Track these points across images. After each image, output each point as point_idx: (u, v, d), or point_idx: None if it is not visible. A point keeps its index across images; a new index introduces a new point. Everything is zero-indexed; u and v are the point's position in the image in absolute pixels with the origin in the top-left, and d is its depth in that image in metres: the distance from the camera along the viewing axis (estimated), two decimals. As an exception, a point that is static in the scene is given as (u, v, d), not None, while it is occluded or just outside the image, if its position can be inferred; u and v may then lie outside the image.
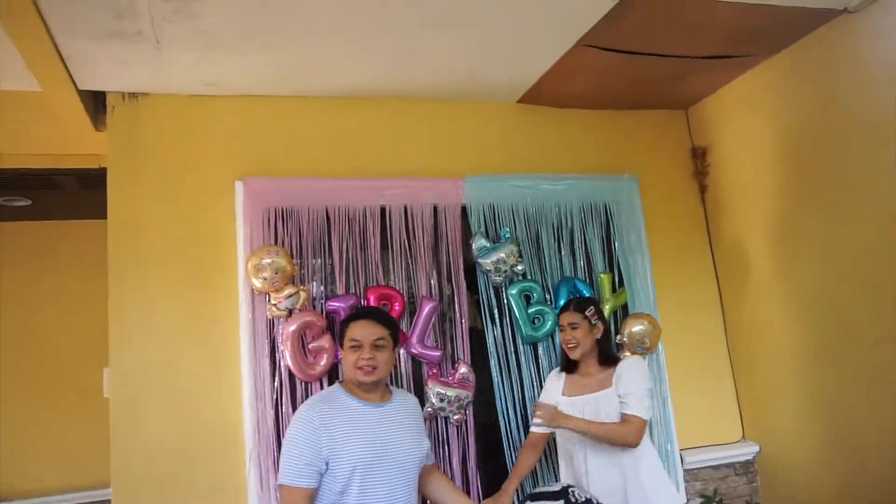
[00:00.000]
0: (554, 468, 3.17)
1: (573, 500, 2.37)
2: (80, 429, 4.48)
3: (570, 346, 2.79)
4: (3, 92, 3.37)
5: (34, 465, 4.54)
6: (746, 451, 3.68)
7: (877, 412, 2.98)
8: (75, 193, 4.35)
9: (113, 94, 3.15)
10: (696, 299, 3.83)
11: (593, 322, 2.79)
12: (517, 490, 2.81)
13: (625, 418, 2.61)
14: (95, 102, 3.23)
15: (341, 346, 2.32)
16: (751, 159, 3.65)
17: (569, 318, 2.81)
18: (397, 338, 2.37)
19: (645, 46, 3.22)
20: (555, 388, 2.87)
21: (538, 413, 2.68)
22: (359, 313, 2.37)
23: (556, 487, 2.49)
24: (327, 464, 2.12)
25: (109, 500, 2.81)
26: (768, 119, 3.52)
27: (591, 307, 2.84)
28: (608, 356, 2.81)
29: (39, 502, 4.48)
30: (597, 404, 2.69)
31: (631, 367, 2.72)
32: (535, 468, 3.13)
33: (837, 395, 3.18)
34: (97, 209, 3.25)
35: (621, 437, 2.60)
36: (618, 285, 3.59)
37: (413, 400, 2.52)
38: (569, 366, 2.89)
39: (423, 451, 2.35)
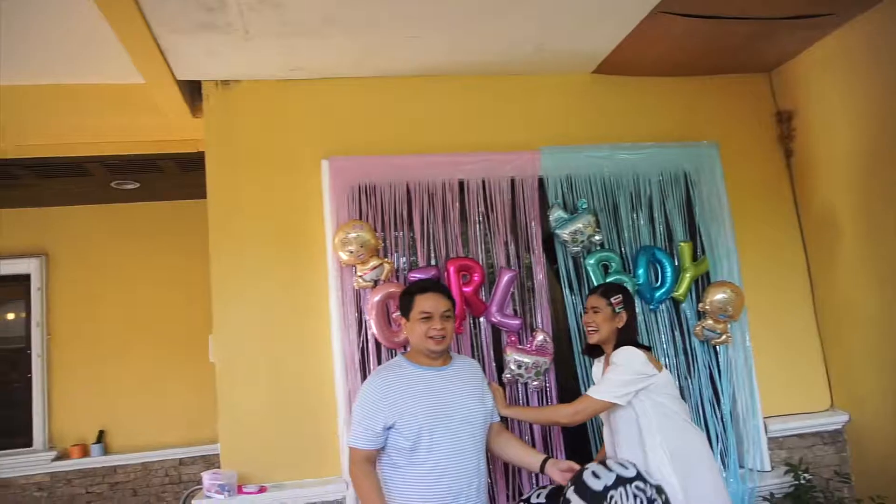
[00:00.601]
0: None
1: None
2: (189, 391, 4.75)
3: (589, 329, 2.68)
4: (112, 86, 3.57)
5: (147, 425, 4.87)
6: (835, 420, 3.47)
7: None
8: (177, 176, 4.57)
9: (207, 82, 3.25)
10: (782, 267, 3.62)
11: (616, 310, 2.63)
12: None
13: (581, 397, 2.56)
14: (192, 91, 3.35)
15: (406, 317, 2.38)
16: (839, 122, 3.40)
17: (592, 301, 2.69)
18: (456, 308, 2.52)
19: (723, 10, 3.03)
20: (595, 372, 2.80)
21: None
22: (426, 286, 2.42)
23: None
24: (394, 425, 2.23)
25: (218, 455, 2.96)
26: (857, 80, 3.26)
27: (619, 295, 2.66)
28: (622, 344, 2.60)
29: (152, 455, 4.78)
30: None
31: (617, 354, 2.54)
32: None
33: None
34: (197, 190, 3.40)
35: (553, 415, 2.64)
36: (699, 254, 3.44)
37: (471, 362, 2.59)
38: (591, 350, 2.79)
39: (487, 408, 2.43)
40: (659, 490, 2.23)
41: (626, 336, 2.63)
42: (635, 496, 2.14)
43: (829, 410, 3.53)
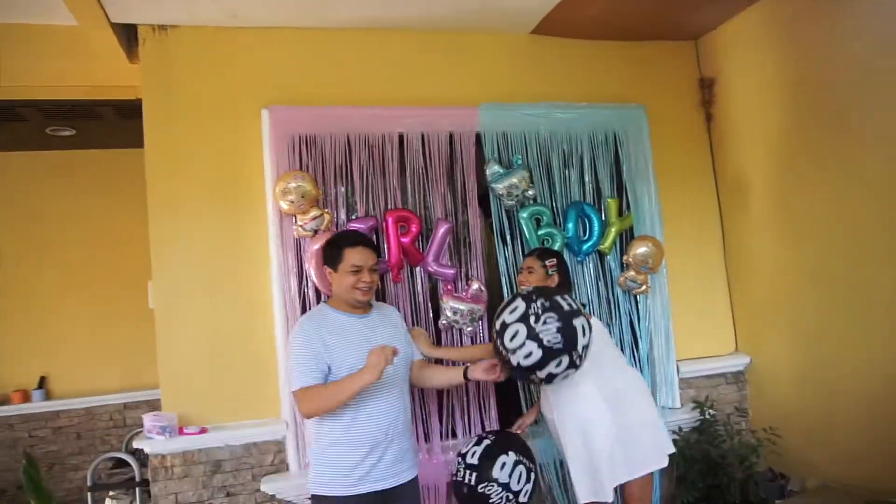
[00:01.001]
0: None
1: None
2: (131, 337, 4.67)
3: (521, 287, 2.80)
4: (44, 26, 3.40)
5: (90, 370, 4.80)
6: (738, 363, 3.73)
7: (854, 346, 3.05)
8: (115, 124, 4.39)
9: (144, 26, 3.12)
10: (699, 223, 3.81)
11: (549, 272, 2.78)
12: None
13: None
14: (128, 36, 3.21)
15: (333, 268, 2.40)
16: (756, 91, 3.54)
17: (528, 262, 2.84)
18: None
19: (655, -28, 3.09)
20: None
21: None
22: (357, 240, 2.44)
23: None
24: (329, 368, 2.27)
25: (159, 400, 2.96)
26: (775, 51, 3.40)
27: (553, 259, 2.82)
28: None
29: (95, 400, 4.73)
30: None
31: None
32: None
33: (820, 322, 3.24)
34: (137, 138, 3.28)
35: (477, 352, 2.81)
36: (625, 210, 3.57)
37: (390, 308, 2.69)
38: None
39: (407, 348, 2.53)
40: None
41: None
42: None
43: (733, 354, 3.78)
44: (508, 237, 3.35)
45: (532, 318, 2.36)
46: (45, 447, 4.68)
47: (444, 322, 3.17)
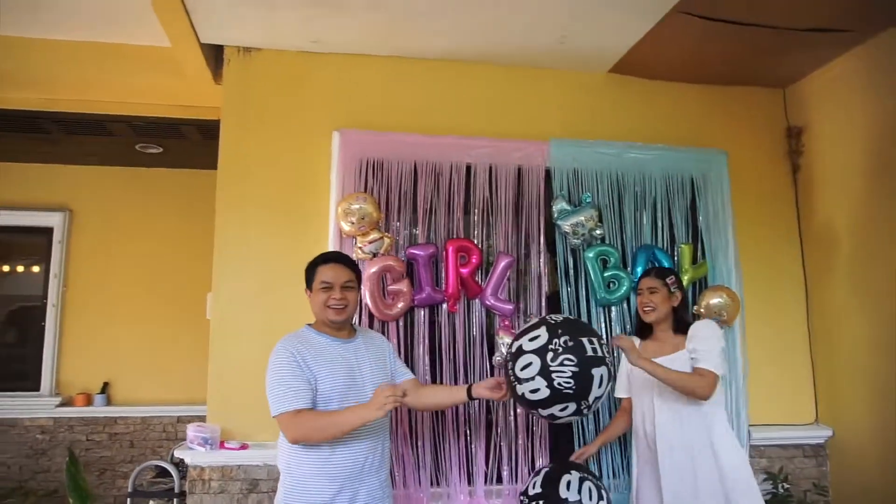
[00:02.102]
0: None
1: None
2: (193, 352, 4.70)
3: (646, 308, 2.64)
4: (140, 47, 3.55)
5: (150, 381, 4.87)
6: (818, 434, 3.37)
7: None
8: (198, 144, 4.55)
9: (230, 47, 3.22)
10: (781, 278, 3.52)
11: (672, 290, 2.63)
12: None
13: (698, 371, 2.44)
14: (216, 57, 3.32)
15: (309, 288, 2.27)
16: (848, 141, 3.29)
17: (648, 282, 2.66)
18: (361, 281, 2.37)
19: (743, 16, 2.94)
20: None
21: (618, 341, 2.48)
22: (328, 257, 2.30)
23: None
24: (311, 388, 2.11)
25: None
26: (867, 100, 3.17)
27: (672, 276, 2.69)
28: (683, 324, 2.63)
29: (152, 410, 4.77)
30: (670, 366, 2.50)
31: (704, 327, 2.56)
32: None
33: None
34: (216, 160, 3.34)
35: (691, 384, 2.41)
36: (699, 258, 3.34)
37: (377, 336, 2.48)
38: (643, 331, 2.73)
39: (388, 376, 2.32)
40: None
41: (683, 314, 2.65)
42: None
43: (814, 424, 3.42)
44: (572, 276, 3.19)
45: (550, 355, 2.21)
46: (100, 452, 4.74)
47: (499, 359, 3.01)
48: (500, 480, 3.00)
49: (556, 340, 2.24)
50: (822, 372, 3.45)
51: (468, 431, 3.00)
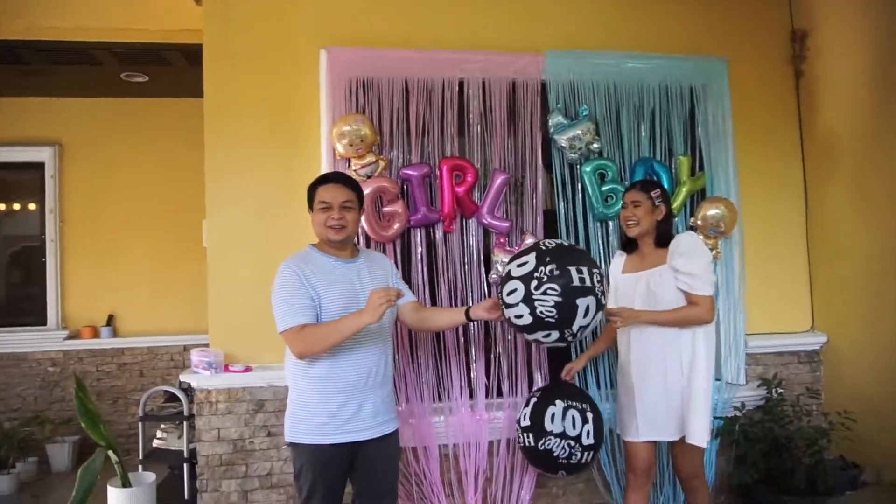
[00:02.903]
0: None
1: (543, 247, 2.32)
2: (195, 281, 4.72)
3: (629, 223, 2.59)
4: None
5: (154, 311, 4.92)
6: (813, 341, 3.41)
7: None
8: (184, 70, 4.39)
9: (212, -37, 3.05)
10: (780, 187, 3.47)
11: (656, 203, 2.56)
12: None
13: (693, 299, 2.44)
14: (195, -26, 3.15)
15: (310, 208, 2.26)
16: (853, 47, 3.18)
17: (632, 195, 2.60)
18: (362, 201, 2.35)
19: None
20: (616, 266, 2.73)
21: (617, 321, 2.48)
22: (328, 177, 2.30)
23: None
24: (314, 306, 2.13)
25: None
26: (876, 4, 3.00)
27: (658, 189, 2.61)
28: (665, 238, 2.57)
29: (158, 339, 4.84)
30: (650, 279, 2.52)
31: (687, 243, 2.49)
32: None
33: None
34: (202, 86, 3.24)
35: (695, 319, 2.44)
36: (697, 170, 3.28)
37: (380, 256, 2.50)
38: (628, 245, 2.71)
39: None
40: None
41: (666, 228, 2.60)
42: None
43: (810, 331, 3.46)
44: (569, 192, 3.14)
45: (534, 283, 2.21)
46: (111, 381, 4.83)
47: (495, 276, 3.01)
48: (500, 394, 3.06)
49: (542, 268, 2.22)
50: (819, 280, 3.46)
51: (468, 348, 3.03)
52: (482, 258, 3.06)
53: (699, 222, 3.14)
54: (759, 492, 3.06)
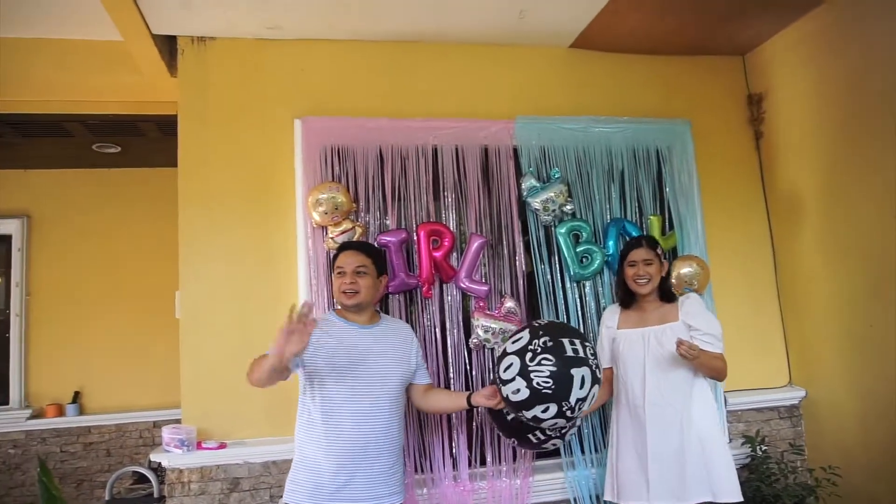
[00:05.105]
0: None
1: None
2: (165, 355, 4.58)
3: (641, 281, 2.60)
4: (92, 42, 3.42)
5: (123, 387, 4.74)
6: (792, 396, 3.41)
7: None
8: (158, 141, 4.40)
9: (183, 38, 3.11)
10: (748, 244, 3.55)
11: (662, 260, 2.64)
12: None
13: (716, 356, 2.48)
14: (170, 50, 3.19)
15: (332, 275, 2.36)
16: (807, 106, 3.31)
17: (643, 254, 2.62)
18: (382, 267, 2.42)
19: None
20: (611, 320, 2.73)
21: (687, 351, 2.32)
22: (346, 246, 2.43)
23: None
24: (303, 362, 2.16)
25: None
26: (825, 64, 3.18)
27: (658, 245, 2.68)
28: (668, 292, 2.63)
29: (127, 416, 4.65)
30: (663, 336, 2.51)
31: (700, 302, 2.59)
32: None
33: (883, 348, 2.91)
34: (176, 157, 3.24)
35: (722, 372, 2.49)
36: (667, 228, 3.34)
37: (404, 326, 2.52)
38: (626, 299, 2.71)
39: (407, 371, 2.36)
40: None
41: (667, 282, 2.65)
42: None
43: (787, 386, 3.47)
44: (545, 254, 3.16)
45: (528, 356, 2.26)
46: (76, 463, 4.60)
47: (476, 340, 2.97)
48: (483, 463, 2.97)
49: (535, 341, 2.29)
50: (793, 335, 3.49)
51: (450, 417, 2.95)
52: (461, 322, 3.03)
53: (674, 281, 3.16)
54: (751, 554, 2.98)
